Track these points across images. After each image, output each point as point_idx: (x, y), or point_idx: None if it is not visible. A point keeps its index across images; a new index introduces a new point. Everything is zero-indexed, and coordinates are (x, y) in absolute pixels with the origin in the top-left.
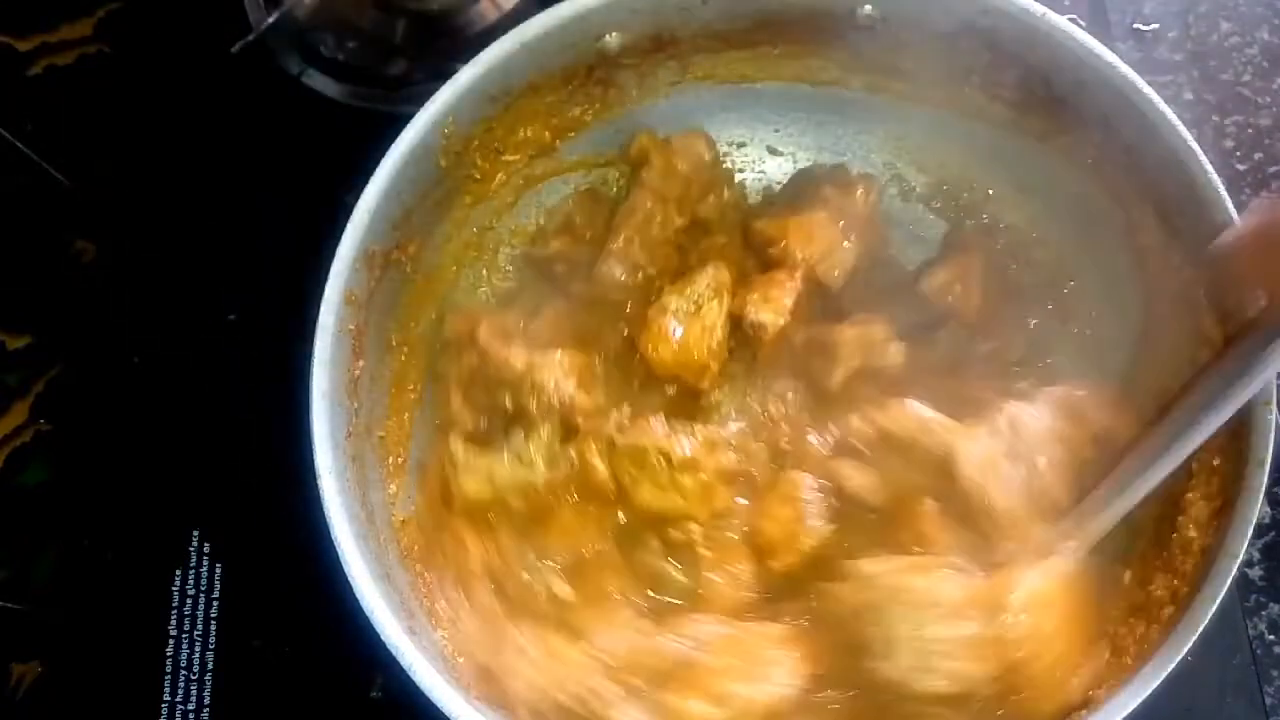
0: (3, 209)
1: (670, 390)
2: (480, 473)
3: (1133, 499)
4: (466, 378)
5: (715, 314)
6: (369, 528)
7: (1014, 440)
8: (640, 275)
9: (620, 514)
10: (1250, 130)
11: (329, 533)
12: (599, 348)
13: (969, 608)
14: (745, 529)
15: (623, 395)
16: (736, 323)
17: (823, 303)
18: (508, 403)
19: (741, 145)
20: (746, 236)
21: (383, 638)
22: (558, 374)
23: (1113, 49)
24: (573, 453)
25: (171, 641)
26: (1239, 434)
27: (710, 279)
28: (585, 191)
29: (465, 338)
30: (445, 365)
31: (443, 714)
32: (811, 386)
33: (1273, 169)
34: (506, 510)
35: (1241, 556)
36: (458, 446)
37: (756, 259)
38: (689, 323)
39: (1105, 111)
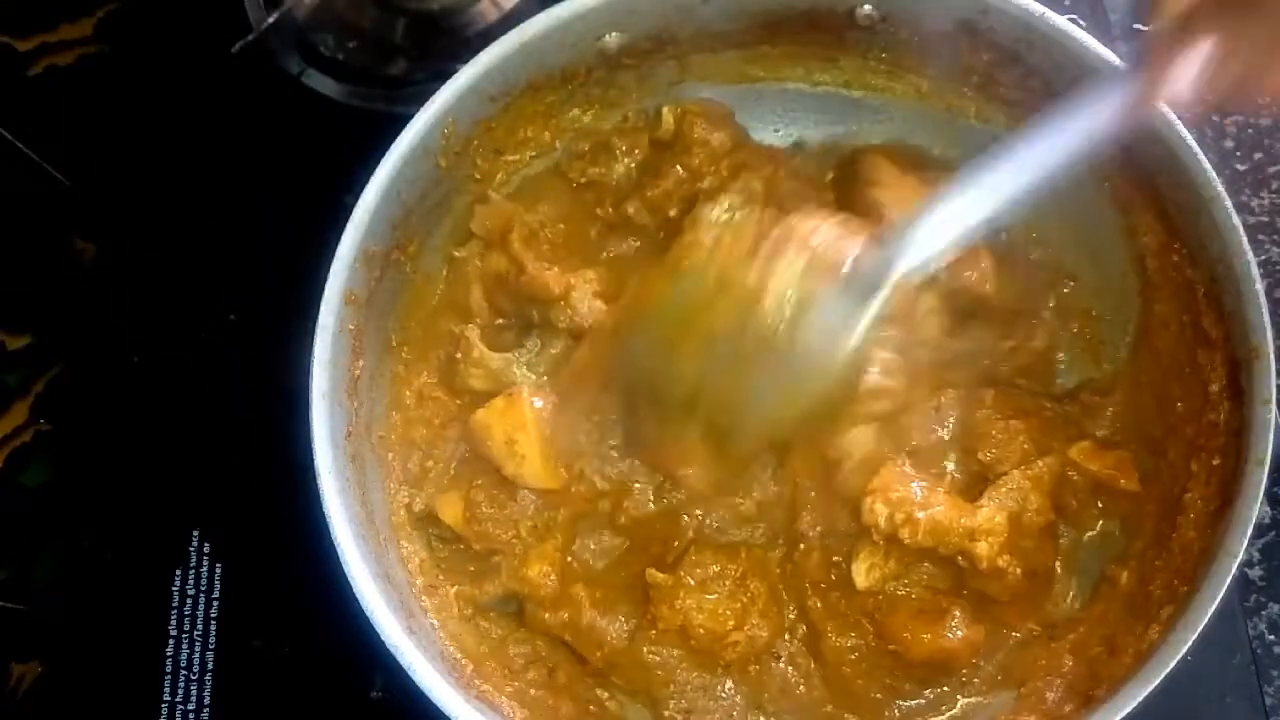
0: (3, 209)
1: None
2: (488, 371)
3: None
4: (492, 279)
5: (748, 223)
6: (369, 528)
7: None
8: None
9: None
10: (1250, 130)
11: (329, 533)
12: (623, 264)
13: None
14: None
15: None
16: None
17: None
18: (534, 315)
19: None
20: (850, 160)
21: (383, 638)
22: (589, 296)
23: (1112, 49)
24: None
25: (171, 641)
26: (1239, 434)
27: (741, 188)
28: (631, 119)
29: (495, 236)
30: (468, 255)
31: (443, 714)
32: None
33: (1273, 169)
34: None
35: (1241, 556)
36: (475, 342)
37: (837, 192)
38: (722, 230)
39: None
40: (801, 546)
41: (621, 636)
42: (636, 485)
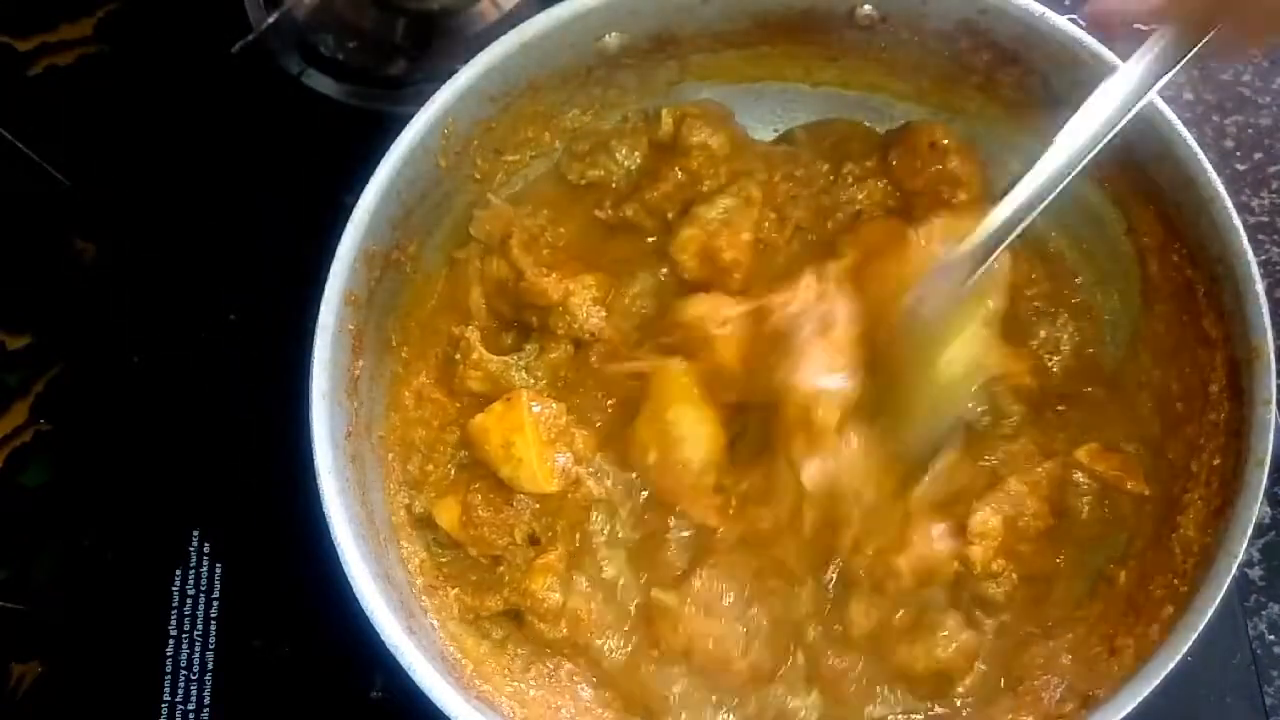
0: (3, 209)
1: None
2: (487, 373)
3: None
4: (492, 284)
5: (745, 221)
6: (369, 528)
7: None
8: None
9: None
10: (1250, 130)
11: (329, 533)
12: (623, 267)
13: None
14: None
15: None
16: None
17: None
18: (534, 320)
19: None
20: (905, 135)
21: (383, 638)
22: (588, 302)
23: (1112, 49)
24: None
25: (171, 641)
26: (1239, 434)
27: (737, 191)
28: (631, 119)
29: (494, 240)
30: (468, 256)
31: (443, 714)
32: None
33: (1273, 169)
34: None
35: (1241, 556)
36: (475, 344)
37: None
38: (717, 229)
39: None
40: (794, 588)
41: (621, 654)
42: (622, 512)
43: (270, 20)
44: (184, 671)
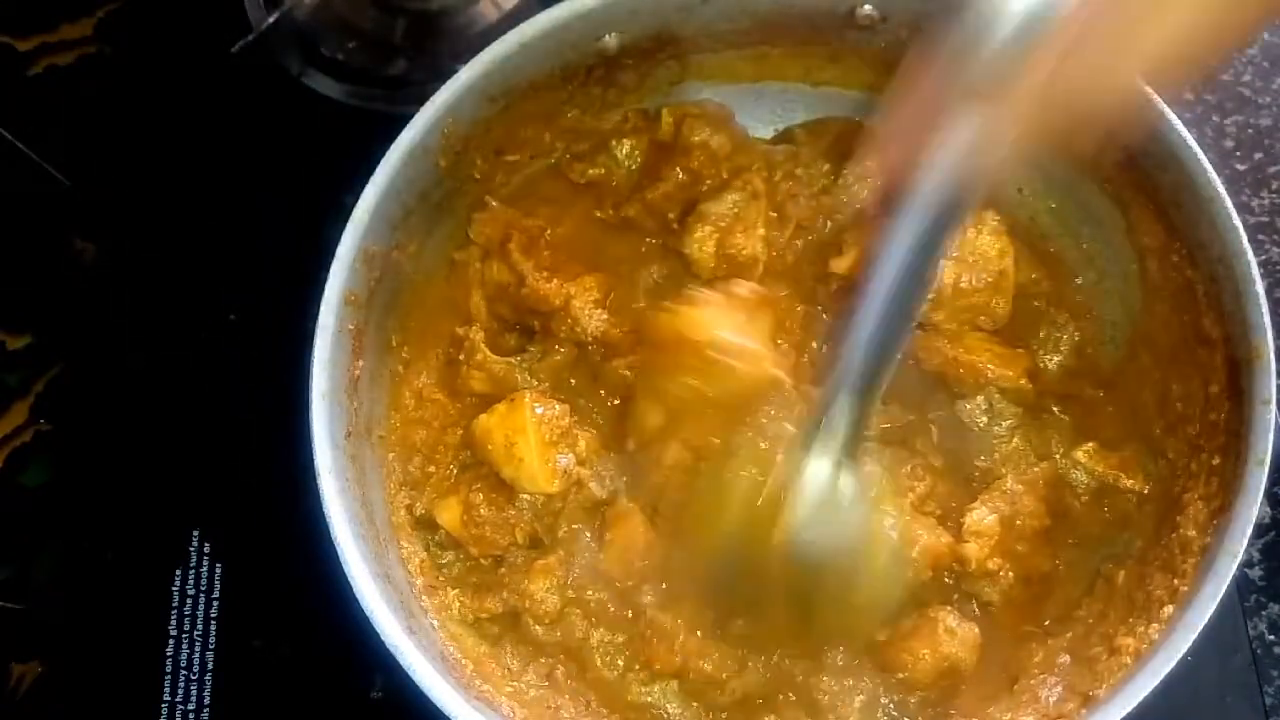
0: (3, 209)
1: None
2: (490, 374)
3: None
4: (492, 287)
5: (756, 215)
6: (369, 528)
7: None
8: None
9: None
10: (1250, 130)
11: (329, 533)
12: (624, 268)
13: None
14: None
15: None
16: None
17: None
18: (536, 324)
19: None
20: None
21: (383, 638)
22: (589, 305)
23: None
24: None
25: (171, 641)
26: (1239, 434)
27: (742, 184)
28: (631, 119)
29: (494, 244)
30: (467, 259)
31: (443, 714)
32: None
33: (1273, 169)
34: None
35: (1241, 556)
36: (479, 344)
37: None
38: (730, 224)
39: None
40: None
41: (613, 669)
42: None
43: (270, 20)
44: (184, 671)
